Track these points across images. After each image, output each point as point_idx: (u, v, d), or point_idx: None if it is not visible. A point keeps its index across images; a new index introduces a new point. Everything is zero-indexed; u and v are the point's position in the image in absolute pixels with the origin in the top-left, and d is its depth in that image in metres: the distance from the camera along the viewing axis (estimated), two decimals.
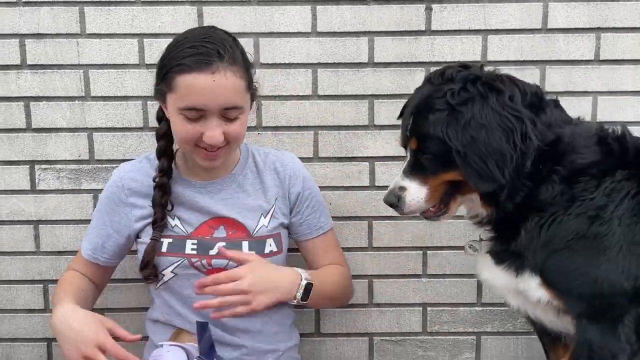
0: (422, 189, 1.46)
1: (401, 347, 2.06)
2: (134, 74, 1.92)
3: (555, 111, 1.44)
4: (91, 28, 1.90)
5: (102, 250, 1.70)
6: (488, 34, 1.91)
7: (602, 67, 1.92)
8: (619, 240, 1.35)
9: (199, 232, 1.66)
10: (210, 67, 1.48)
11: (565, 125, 1.43)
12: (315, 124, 1.95)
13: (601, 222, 1.36)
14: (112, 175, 1.73)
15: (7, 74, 1.92)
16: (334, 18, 1.90)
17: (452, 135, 1.37)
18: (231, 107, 1.52)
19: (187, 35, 1.57)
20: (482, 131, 1.35)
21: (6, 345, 2.04)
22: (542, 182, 1.40)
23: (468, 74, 1.41)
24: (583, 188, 1.38)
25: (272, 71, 1.91)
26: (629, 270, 1.35)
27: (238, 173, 1.71)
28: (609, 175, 1.38)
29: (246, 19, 1.90)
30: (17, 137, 1.95)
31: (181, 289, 1.66)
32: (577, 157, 1.40)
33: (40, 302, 2.02)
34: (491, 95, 1.37)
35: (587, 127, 1.47)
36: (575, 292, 1.39)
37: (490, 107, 1.36)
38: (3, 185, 1.97)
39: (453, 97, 1.38)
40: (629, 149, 1.42)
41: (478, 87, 1.38)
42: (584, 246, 1.37)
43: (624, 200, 1.36)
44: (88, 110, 1.94)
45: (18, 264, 2.00)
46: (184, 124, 1.53)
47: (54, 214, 1.98)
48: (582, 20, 1.90)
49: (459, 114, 1.37)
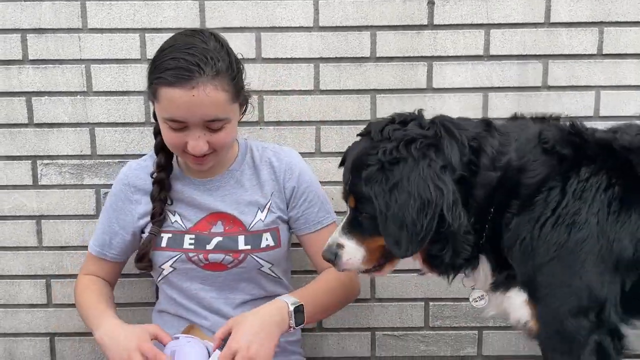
0: (359, 250, 1.42)
1: (403, 342, 2.06)
2: (136, 69, 1.92)
3: (493, 142, 1.38)
4: (93, 23, 1.90)
5: (109, 246, 1.73)
6: (490, 28, 1.91)
7: (605, 61, 1.92)
8: (598, 241, 1.31)
9: (197, 227, 1.68)
10: (190, 82, 1.46)
11: (507, 147, 1.38)
12: (317, 119, 1.95)
13: (579, 227, 1.31)
14: (120, 172, 1.75)
15: (9, 69, 1.92)
16: (336, 12, 1.90)
17: (378, 194, 1.33)
18: (213, 120, 1.52)
19: (173, 42, 1.55)
20: (404, 197, 1.30)
21: (9, 340, 2.05)
22: (498, 223, 1.36)
23: (404, 134, 1.36)
24: (544, 202, 1.33)
25: (273, 66, 1.91)
26: (603, 275, 1.31)
27: (236, 169, 1.72)
28: (572, 178, 1.33)
29: (248, 13, 1.90)
30: (19, 133, 1.95)
31: (181, 282, 1.69)
32: (529, 177, 1.35)
33: (42, 297, 2.02)
34: (423, 162, 1.32)
35: (528, 135, 1.40)
36: (553, 307, 1.34)
37: (419, 173, 1.31)
38: (5, 180, 1.97)
39: (384, 155, 1.33)
40: (587, 143, 1.37)
41: (411, 151, 1.33)
42: (567, 256, 1.32)
43: (596, 197, 1.31)
44: (90, 105, 1.94)
45: (20, 259, 2.00)
46: (169, 132, 1.55)
47: (56, 209, 1.98)
48: (585, 14, 1.89)
49: (389, 172, 1.32)
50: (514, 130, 1.42)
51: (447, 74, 1.93)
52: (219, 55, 1.51)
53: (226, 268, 1.67)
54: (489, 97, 1.94)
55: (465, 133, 1.39)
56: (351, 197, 1.41)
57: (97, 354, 2.05)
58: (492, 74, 1.93)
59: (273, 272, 1.73)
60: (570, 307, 1.33)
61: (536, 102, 1.94)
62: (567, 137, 1.39)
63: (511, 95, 1.94)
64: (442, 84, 1.94)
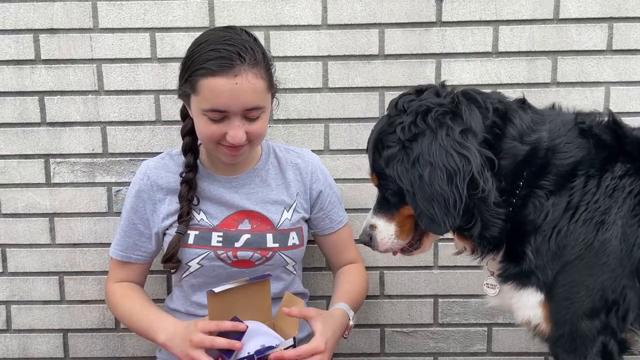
0: (390, 226, 1.41)
1: (413, 339, 2.06)
2: (146, 68, 1.94)
3: (524, 116, 1.33)
4: (104, 22, 1.92)
5: (134, 248, 1.73)
6: (499, 24, 1.90)
7: (615, 57, 1.91)
8: (620, 244, 1.27)
9: (224, 224, 1.68)
10: (232, 70, 1.49)
11: (539, 126, 1.32)
12: (326, 117, 1.96)
13: (607, 227, 1.27)
14: (137, 173, 1.73)
15: (22, 69, 1.95)
16: (344, 10, 1.90)
17: (401, 173, 1.30)
18: (253, 108, 1.54)
19: (208, 36, 1.56)
20: (428, 170, 1.27)
21: (23, 336, 2.08)
22: (526, 201, 1.30)
23: (419, 105, 1.32)
24: (582, 191, 1.28)
25: (282, 64, 1.92)
26: (619, 278, 1.29)
27: (261, 168, 1.73)
28: (608, 172, 1.27)
29: (256, 12, 1.91)
30: (32, 132, 1.98)
31: (207, 279, 1.69)
32: (560, 158, 1.30)
33: (56, 293, 2.05)
34: (440, 131, 1.28)
35: (564, 119, 1.35)
36: (569, 308, 1.30)
37: (439, 143, 1.27)
38: (19, 178, 2.00)
39: (403, 132, 1.30)
40: (627, 138, 1.31)
41: (428, 121, 1.29)
42: (591, 257, 1.29)
43: (626, 200, 1.27)
44: (101, 104, 1.96)
45: (34, 256, 2.03)
46: (207, 124, 1.55)
47: (69, 207, 2.00)
48: (594, 10, 1.88)
49: (409, 150, 1.30)
50: (550, 113, 1.38)
51: (456, 71, 1.93)
52: (255, 45, 1.55)
53: (253, 265, 1.68)
54: None
55: (490, 100, 1.33)
56: (374, 176, 1.41)
57: (109, 349, 2.07)
58: (500, 70, 1.93)
59: (294, 270, 1.77)
60: (586, 308, 1.30)
61: (545, 99, 1.93)
62: (607, 124, 1.33)
63: (520, 91, 1.90)
64: (450, 81, 1.90)
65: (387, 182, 1.37)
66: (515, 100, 1.40)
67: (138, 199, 1.70)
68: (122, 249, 1.73)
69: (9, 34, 1.92)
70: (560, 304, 1.32)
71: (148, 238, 1.72)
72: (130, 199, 1.72)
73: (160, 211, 1.69)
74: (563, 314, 1.32)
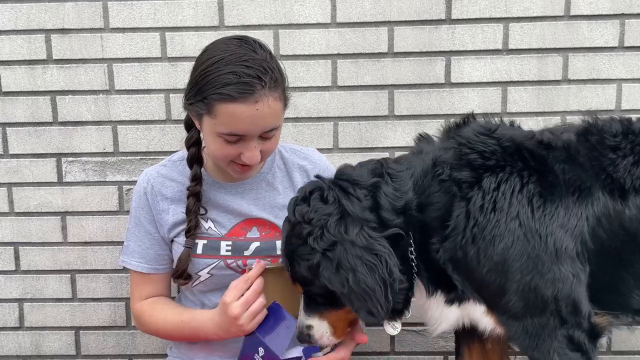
0: (323, 323, 1.47)
1: (423, 338, 2.06)
2: (157, 67, 1.95)
3: (387, 187, 1.42)
4: (114, 22, 1.93)
5: (157, 259, 1.67)
6: (509, 21, 1.89)
7: (627, 53, 1.89)
8: (528, 242, 1.33)
9: (232, 233, 1.64)
10: (253, 96, 1.42)
11: (403, 189, 1.41)
12: (335, 115, 1.96)
13: (500, 237, 1.33)
14: (139, 182, 1.65)
15: (34, 68, 1.97)
16: (353, 8, 1.90)
17: (330, 279, 1.36)
18: (270, 130, 1.50)
19: (223, 53, 1.46)
20: (351, 274, 1.34)
21: (35, 334, 2.10)
22: (427, 259, 1.41)
23: (318, 220, 1.39)
24: (465, 221, 1.35)
25: (291, 62, 1.92)
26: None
27: (267, 172, 1.69)
28: (475, 195, 1.35)
29: (266, 11, 1.91)
30: (44, 131, 2.00)
31: (217, 287, 1.64)
32: (432, 211, 1.39)
33: (68, 291, 2.07)
34: (347, 237, 1.36)
35: (424, 166, 1.43)
36: (508, 312, 1.37)
37: (352, 249, 1.35)
38: (31, 177, 2.02)
39: (317, 243, 1.37)
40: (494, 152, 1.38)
41: (333, 232, 1.37)
42: (500, 266, 1.35)
43: (512, 201, 1.33)
44: (112, 104, 1.98)
45: (46, 254, 2.05)
46: (223, 145, 1.49)
47: (80, 206, 2.02)
48: (605, 6, 1.87)
49: (331, 258, 1.36)
50: (410, 166, 1.45)
51: (466, 69, 1.92)
52: (272, 63, 1.47)
53: None
54: (508, 92, 1.93)
55: (359, 191, 1.41)
56: (297, 285, 1.47)
57: (121, 346, 2.09)
58: (511, 68, 1.92)
59: None
60: (519, 308, 1.35)
61: (556, 96, 1.92)
62: (464, 157, 1.40)
63: (531, 89, 1.93)
64: (460, 79, 1.93)
65: (312, 288, 1.42)
66: (374, 166, 1.47)
67: (145, 211, 1.64)
68: (145, 261, 1.65)
69: (21, 34, 1.95)
70: (499, 311, 1.39)
71: (166, 245, 1.66)
72: (136, 212, 1.65)
73: (165, 221, 1.64)
74: (507, 318, 1.38)
